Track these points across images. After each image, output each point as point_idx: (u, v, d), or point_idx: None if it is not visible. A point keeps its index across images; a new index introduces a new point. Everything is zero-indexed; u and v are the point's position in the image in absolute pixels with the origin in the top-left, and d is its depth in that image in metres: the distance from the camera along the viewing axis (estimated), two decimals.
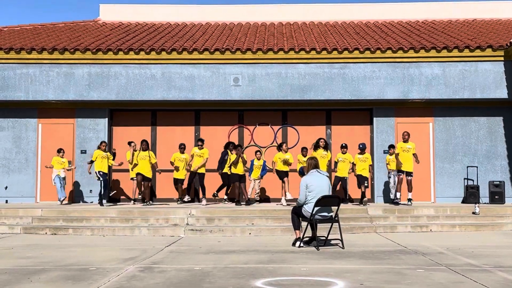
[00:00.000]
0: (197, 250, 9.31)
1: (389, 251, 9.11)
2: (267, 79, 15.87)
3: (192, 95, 15.90)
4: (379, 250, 9.16)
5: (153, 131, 17.02)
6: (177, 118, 17.02)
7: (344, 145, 15.24)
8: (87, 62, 15.93)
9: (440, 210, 13.24)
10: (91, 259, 8.39)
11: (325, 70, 15.86)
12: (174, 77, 15.90)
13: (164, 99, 15.96)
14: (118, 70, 15.93)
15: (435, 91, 15.74)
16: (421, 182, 15.96)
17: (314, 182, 9.33)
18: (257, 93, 15.86)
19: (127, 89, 15.88)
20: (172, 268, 7.53)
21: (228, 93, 15.88)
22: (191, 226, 12.08)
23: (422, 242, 10.18)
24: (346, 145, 15.25)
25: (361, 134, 16.67)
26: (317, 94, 15.82)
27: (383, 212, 13.14)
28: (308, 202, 9.31)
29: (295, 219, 9.62)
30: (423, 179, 16.16)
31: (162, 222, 12.36)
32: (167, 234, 11.66)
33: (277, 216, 12.57)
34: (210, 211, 13.05)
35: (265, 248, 9.55)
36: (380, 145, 16.45)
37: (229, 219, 12.40)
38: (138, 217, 12.65)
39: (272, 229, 11.78)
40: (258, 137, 17.01)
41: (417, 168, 15.28)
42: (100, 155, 14.83)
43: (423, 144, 16.24)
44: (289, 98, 15.91)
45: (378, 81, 15.78)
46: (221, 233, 11.67)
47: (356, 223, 12.36)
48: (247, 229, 11.77)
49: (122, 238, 11.19)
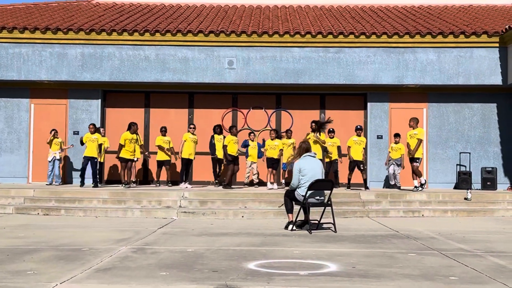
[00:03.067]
0: (190, 232, 9.34)
1: (381, 235, 9.17)
2: (261, 63, 15.83)
3: (186, 78, 15.84)
4: (371, 234, 9.22)
5: (146, 113, 16.97)
6: (171, 100, 16.97)
7: (331, 130, 15.27)
8: (80, 43, 15.81)
9: (432, 195, 13.32)
10: (84, 239, 8.40)
11: (320, 54, 15.82)
12: (168, 59, 15.83)
13: (157, 81, 15.89)
14: (111, 51, 15.83)
15: (429, 76, 15.75)
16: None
17: (307, 166, 9.36)
18: (251, 76, 15.83)
19: (120, 70, 15.80)
20: (165, 249, 7.56)
21: (222, 76, 15.83)
22: (184, 208, 12.11)
23: (414, 227, 10.25)
24: (333, 130, 15.29)
25: (355, 119, 16.68)
26: (312, 78, 15.81)
27: (375, 197, 13.20)
28: (301, 186, 9.35)
29: (288, 203, 9.65)
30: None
31: (154, 204, 12.38)
32: (160, 216, 11.69)
33: (270, 200, 12.61)
34: (203, 194, 13.08)
35: (258, 231, 9.59)
36: (373, 130, 16.48)
37: (222, 202, 12.43)
38: (131, 198, 12.65)
39: (265, 212, 11.83)
40: (252, 121, 17.01)
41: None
42: (88, 139, 14.79)
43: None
44: (283, 82, 15.88)
45: (372, 66, 15.77)
46: (214, 215, 11.70)
47: (349, 207, 12.43)
48: (240, 212, 11.81)
49: (114, 220, 11.21)
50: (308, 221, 9.48)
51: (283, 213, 10.63)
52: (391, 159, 15.39)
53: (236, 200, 12.56)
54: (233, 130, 15.10)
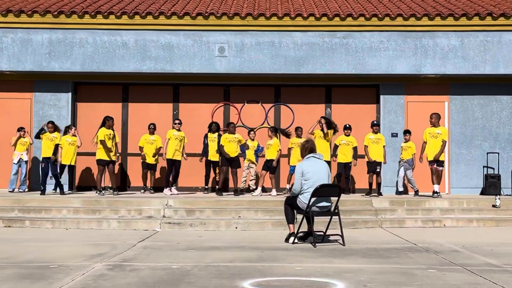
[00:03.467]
0: (175, 246, 9.31)
1: (397, 248, 9.16)
2: (257, 50, 15.81)
3: (170, 67, 15.82)
4: (385, 248, 9.21)
5: (124, 108, 16.95)
6: (153, 93, 16.95)
7: (347, 127, 15.28)
8: (47, 27, 15.76)
9: (455, 202, 13.32)
10: (52, 255, 8.36)
11: (325, 39, 15.82)
12: (149, 46, 15.81)
13: (137, 71, 15.87)
14: (83, 36, 15.79)
15: (451, 65, 15.76)
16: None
17: (311, 169, 9.33)
18: (246, 65, 15.81)
19: (94, 59, 15.77)
20: (146, 266, 7.53)
21: (212, 65, 15.81)
22: (168, 218, 12.08)
23: (434, 239, 10.25)
24: (350, 127, 15.29)
25: (366, 114, 16.70)
26: (316, 67, 15.80)
27: (390, 204, 13.20)
28: (303, 192, 9.32)
29: (288, 212, 9.63)
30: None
31: (134, 213, 12.35)
32: (141, 228, 11.66)
33: (267, 208, 12.59)
34: (190, 201, 13.06)
35: (254, 244, 9.57)
36: (387, 127, 16.49)
37: (212, 211, 12.41)
38: (107, 207, 12.62)
39: (262, 223, 11.81)
40: (247, 117, 16.99)
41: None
42: (46, 137, 14.76)
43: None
44: (283, 71, 15.87)
45: (386, 53, 15.77)
46: (203, 227, 11.68)
47: (359, 216, 12.42)
48: (233, 223, 11.79)
49: (88, 232, 11.17)
50: (312, 232, 9.46)
51: (283, 224, 10.60)
52: (401, 160, 15.41)
53: (229, 209, 12.54)
54: (230, 128, 15.09)
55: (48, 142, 14.84)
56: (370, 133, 15.02)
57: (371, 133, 15.01)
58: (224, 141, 14.90)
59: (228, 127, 15.24)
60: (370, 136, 14.95)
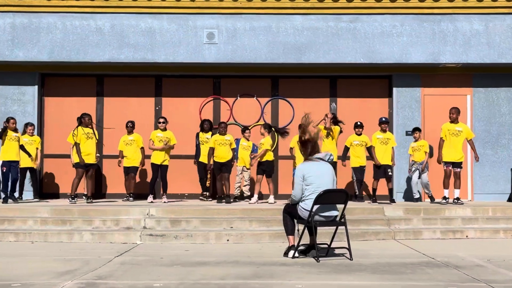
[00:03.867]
0: (158, 262, 9.30)
1: (412, 263, 9.18)
2: (252, 35, 15.84)
3: (151, 56, 15.83)
4: (398, 262, 9.23)
5: (99, 104, 16.95)
6: (132, 86, 16.97)
7: (359, 124, 15.30)
8: (9, 10, 15.76)
9: (479, 210, 13.34)
10: (15, 272, 8.34)
11: (329, 24, 15.85)
12: (128, 32, 15.82)
13: (114, 61, 15.88)
14: (52, 21, 15.79)
15: (474, 53, 15.81)
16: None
17: (313, 172, 9.33)
18: (239, 53, 15.83)
19: (63, 46, 15.77)
20: (124, 284, 7.53)
21: (200, 54, 15.83)
22: (149, 230, 12.07)
23: (455, 252, 10.26)
24: (361, 124, 15.31)
25: (376, 110, 16.74)
26: (319, 55, 15.83)
27: (404, 212, 13.21)
28: (305, 198, 9.33)
29: (288, 221, 9.63)
30: None
31: (110, 224, 12.34)
32: (118, 241, 11.64)
33: (264, 218, 12.59)
34: (175, 210, 13.05)
35: (248, 259, 9.57)
36: (401, 124, 16.53)
37: (200, 221, 12.41)
38: (79, 217, 12.60)
39: (257, 235, 11.81)
40: (240, 113, 17.03)
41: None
42: (9, 137, 14.70)
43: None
44: (282, 60, 15.89)
45: (399, 39, 15.82)
46: (190, 239, 11.68)
47: (369, 227, 12.44)
48: (225, 234, 11.79)
49: (57, 246, 11.15)
50: (314, 245, 9.47)
51: (282, 235, 10.61)
52: (414, 162, 15.43)
53: (219, 219, 12.54)
54: (221, 128, 15.09)
55: (10, 142, 14.72)
56: (378, 132, 15.04)
57: (379, 132, 15.04)
58: (214, 144, 14.91)
59: (219, 128, 15.24)
60: (378, 136, 14.96)
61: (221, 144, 14.93)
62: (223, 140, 14.98)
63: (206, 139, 15.59)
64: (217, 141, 14.94)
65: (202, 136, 15.69)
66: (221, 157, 14.91)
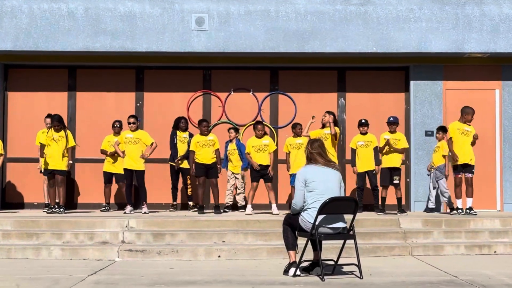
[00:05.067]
0: (138, 281, 9.28)
1: (432, 282, 9.17)
2: (247, 21, 15.84)
3: (131, 45, 15.82)
4: (416, 281, 9.21)
5: (70, 99, 16.94)
6: (109, 79, 16.98)
7: (363, 122, 15.31)
8: None
9: (509, 222, 13.33)
10: None
11: (337, 7, 15.85)
12: (104, 17, 15.80)
13: (88, 50, 15.86)
14: (16, 4, 15.77)
15: (504, 40, 15.82)
16: (481, 181, 16.07)
17: (316, 177, 9.31)
18: (232, 41, 15.82)
19: (30, 33, 15.75)
20: None
21: (188, 42, 15.82)
22: (129, 244, 12.05)
23: (481, 269, 10.25)
24: (366, 122, 15.32)
25: (391, 106, 16.76)
26: (325, 44, 15.82)
27: (423, 224, 13.20)
28: (308, 207, 9.32)
29: (289, 234, 9.61)
30: (485, 175, 16.28)
31: (84, 238, 12.32)
32: (92, 257, 11.62)
33: (261, 230, 12.57)
34: (158, 222, 13.03)
35: (243, 277, 9.56)
36: (420, 123, 16.54)
37: (187, 235, 12.39)
38: (47, 230, 12.58)
39: (253, 250, 11.80)
40: (234, 110, 17.03)
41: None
42: None
43: (485, 122, 16.36)
44: (282, 50, 15.89)
45: (418, 25, 15.83)
46: (175, 255, 11.66)
47: (382, 240, 12.42)
48: (215, 250, 11.77)
49: (21, 263, 11.12)
50: (319, 261, 9.45)
51: (282, 251, 10.60)
52: (432, 167, 15.43)
53: (209, 232, 12.52)
54: (202, 127, 14.99)
55: None
56: (386, 132, 15.05)
57: (387, 132, 15.04)
58: (196, 145, 14.87)
59: (200, 127, 15.13)
60: (386, 136, 14.94)
61: (203, 145, 14.88)
62: (205, 141, 14.93)
63: (184, 138, 15.65)
64: (199, 143, 14.88)
65: (180, 135, 15.73)
66: (204, 159, 14.88)
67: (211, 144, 14.95)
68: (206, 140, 14.94)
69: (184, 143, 15.60)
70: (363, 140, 15.24)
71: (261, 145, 14.89)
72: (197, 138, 15.00)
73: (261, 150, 14.86)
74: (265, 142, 14.95)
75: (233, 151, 15.70)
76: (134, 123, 15.17)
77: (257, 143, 14.90)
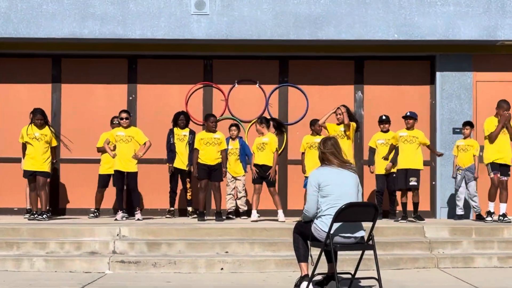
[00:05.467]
0: None
1: None
2: (253, 4, 15.85)
3: (123, 31, 15.83)
4: None
5: (55, 92, 16.97)
6: (98, 69, 17.02)
7: (384, 119, 15.30)
8: None
9: None
10: None
11: None
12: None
13: (75, 37, 15.89)
14: None
15: None
16: None
17: (331, 180, 9.27)
18: (236, 27, 15.82)
19: (9, 18, 15.77)
20: None
21: (187, 28, 15.83)
22: (120, 255, 12.06)
23: None
24: (387, 119, 15.30)
25: (415, 101, 16.80)
26: (340, 30, 15.82)
27: (450, 233, 13.19)
28: (321, 214, 9.29)
29: (300, 244, 9.59)
30: None
31: (70, 248, 12.32)
32: (79, 269, 11.62)
33: (269, 240, 12.57)
34: (153, 230, 13.03)
35: None
36: (446, 119, 16.54)
37: (186, 244, 12.38)
38: (29, 239, 12.58)
39: (260, 261, 11.79)
40: (238, 104, 17.05)
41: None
42: None
43: None
44: (292, 37, 15.89)
45: (444, 10, 15.81)
46: (173, 267, 11.66)
47: (405, 251, 12.41)
48: (218, 261, 11.76)
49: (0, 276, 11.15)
50: (334, 275, 9.44)
51: (292, 262, 10.60)
52: (459, 167, 15.40)
53: (211, 241, 12.52)
54: (210, 122, 14.93)
55: None
56: (403, 129, 15.00)
57: (403, 130, 14.98)
58: (200, 143, 14.83)
59: (207, 122, 15.10)
60: (402, 133, 14.89)
61: (208, 144, 14.83)
62: (211, 138, 14.88)
63: (183, 136, 15.64)
64: (203, 140, 14.85)
65: (178, 132, 15.71)
66: (208, 159, 14.82)
67: (217, 142, 14.87)
68: (212, 137, 14.86)
69: (183, 141, 15.59)
70: (384, 139, 15.26)
71: (260, 143, 14.94)
72: (202, 134, 14.95)
73: (260, 149, 14.90)
74: (265, 140, 14.94)
75: (235, 150, 15.69)
76: (127, 119, 15.01)
77: (258, 141, 15.04)
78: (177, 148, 15.64)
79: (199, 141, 14.88)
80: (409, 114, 15.03)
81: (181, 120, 15.84)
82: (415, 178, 14.80)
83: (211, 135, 14.89)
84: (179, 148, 15.62)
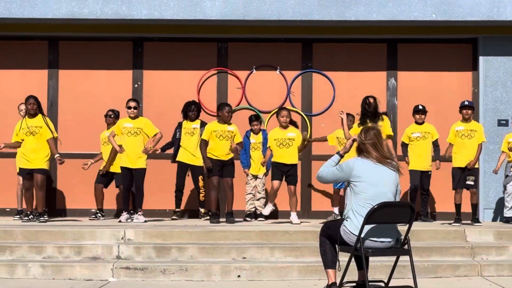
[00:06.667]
0: None
1: None
2: None
3: (128, 10, 15.87)
4: None
5: (52, 79, 17.05)
6: (100, 53, 17.10)
7: (421, 109, 15.30)
8: None
9: None
10: None
11: None
12: None
13: (73, 17, 15.95)
14: None
15: None
16: None
17: (365, 175, 9.18)
18: (254, 6, 15.85)
19: None
20: None
21: (199, 7, 15.86)
22: (125, 261, 12.09)
23: None
24: (424, 109, 15.30)
25: (455, 89, 16.80)
26: (371, 9, 15.83)
27: (495, 237, 13.17)
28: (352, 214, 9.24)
29: (327, 249, 9.59)
30: None
31: (69, 252, 12.37)
32: (80, 276, 11.67)
33: (291, 244, 12.58)
34: (162, 233, 13.06)
35: None
36: (491, 109, 16.53)
37: (199, 249, 12.41)
38: (24, 243, 12.63)
39: (281, 268, 11.80)
40: (256, 93, 17.10)
41: None
42: None
43: None
44: (317, 17, 15.92)
45: None
46: (184, 274, 11.69)
47: (444, 257, 12.41)
48: (234, 268, 11.79)
49: None
50: (365, 283, 9.46)
51: (318, 269, 10.63)
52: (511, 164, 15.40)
53: (226, 246, 12.55)
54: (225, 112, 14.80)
55: None
56: (459, 122, 14.93)
57: (460, 122, 14.92)
58: (211, 135, 14.74)
59: (222, 112, 14.92)
60: (458, 127, 14.83)
61: (221, 137, 14.73)
62: (225, 131, 14.78)
63: (193, 129, 15.63)
64: (215, 133, 14.72)
65: (187, 125, 15.71)
66: (220, 154, 14.72)
67: (231, 136, 14.79)
68: (225, 130, 14.75)
69: (194, 135, 15.56)
70: (419, 131, 15.23)
71: (284, 139, 14.84)
72: (214, 126, 14.77)
73: (284, 145, 14.84)
74: (291, 135, 14.87)
75: (258, 144, 15.72)
76: (136, 108, 14.86)
77: (280, 136, 14.86)
78: (185, 142, 15.60)
79: (210, 133, 14.69)
80: (468, 103, 14.87)
81: (193, 111, 15.74)
82: (472, 176, 14.75)
83: (225, 127, 14.77)
84: (187, 142, 15.58)
